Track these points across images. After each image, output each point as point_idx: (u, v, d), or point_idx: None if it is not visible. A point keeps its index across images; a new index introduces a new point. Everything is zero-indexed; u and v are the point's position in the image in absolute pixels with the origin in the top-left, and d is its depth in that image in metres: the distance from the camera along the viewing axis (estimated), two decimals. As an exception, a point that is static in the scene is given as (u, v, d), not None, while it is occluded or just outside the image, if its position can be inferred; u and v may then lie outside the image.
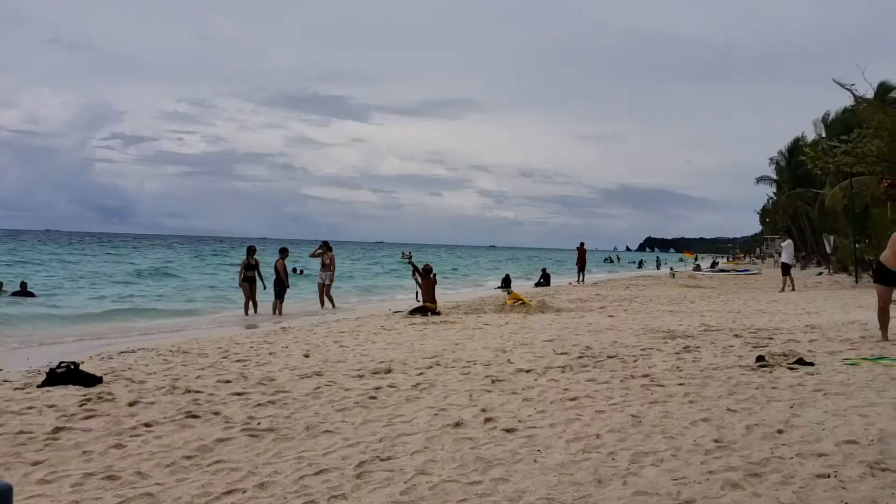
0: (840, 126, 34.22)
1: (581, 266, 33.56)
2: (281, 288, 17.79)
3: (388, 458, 4.54)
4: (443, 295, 20.53)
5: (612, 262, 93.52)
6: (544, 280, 30.79)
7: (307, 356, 9.04)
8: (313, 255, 19.79)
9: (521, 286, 28.49)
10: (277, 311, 17.52)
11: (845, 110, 35.58)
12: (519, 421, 5.41)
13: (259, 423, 5.53)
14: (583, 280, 32.93)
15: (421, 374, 7.61)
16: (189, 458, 4.71)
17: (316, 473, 4.29)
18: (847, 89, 20.96)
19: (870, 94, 22.49)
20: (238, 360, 8.71)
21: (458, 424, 5.34)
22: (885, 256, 9.52)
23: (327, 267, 19.07)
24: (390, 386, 6.90)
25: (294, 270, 20.75)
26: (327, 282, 19.18)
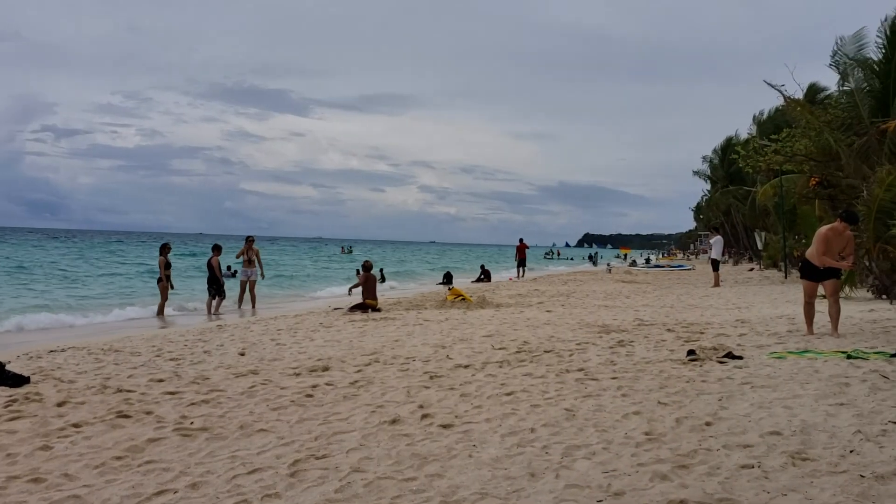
0: (771, 125, 35.23)
1: (521, 262, 33.88)
2: (216, 286, 17.37)
3: (324, 457, 4.51)
4: (384, 291, 20.52)
5: (551, 256, 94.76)
6: (484, 277, 30.95)
7: (243, 354, 8.91)
8: (239, 256, 18.59)
9: (462, 282, 28.60)
10: (213, 310, 17.15)
11: (777, 110, 36.59)
12: (456, 417, 5.44)
13: (192, 423, 5.43)
14: (523, 275, 33.25)
15: (359, 371, 7.57)
16: (119, 458, 4.60)
17: (249, 472, 4.24)
18: (777, 90, 21.62)
19: (800, 95, 23.25)
20: (172, 359, 8.53)
21: (394, 421, 5.34)
22: (810, 253, 9.86)
23: (252, 263, 18.31)
24: (327, 384, 6.85)
25: (229, 269, 20.10)
26: (252, 278, 18.33)
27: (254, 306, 18.19)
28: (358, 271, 16.60)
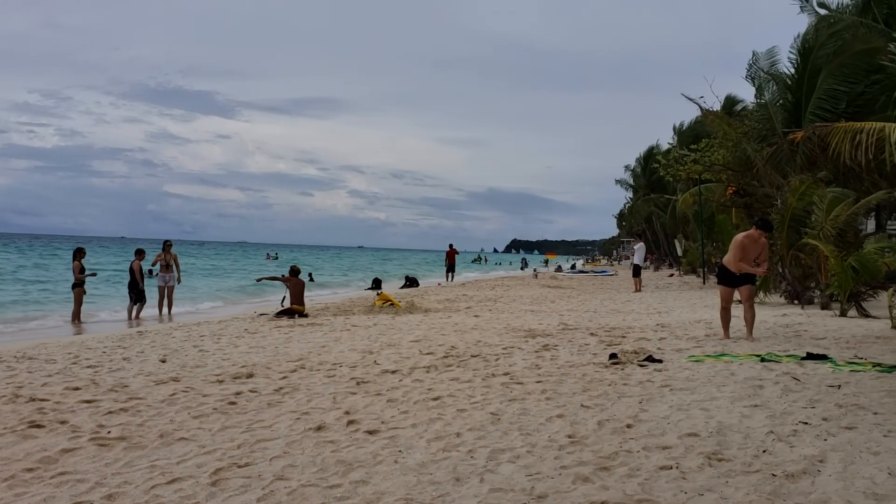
0: (691, 135, 36.37)
1: (450, 267, 34.05)
2: (136, 291, 16.87)
3: (246, 465, 4.43)
4: (312, 297, 20.29)
5: (480, 261, 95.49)
6: (410, 283, 30.95)
7: (164, 361, 8.67)
8: (156, 262, 18.15)
9: (391, 287, 28.55)
10: (134, 316, 16.65)
11: (696, 121, 37.78)
12: (382, 422, 5.42)
13: (109, 432, 5.25)
14: (451, 280, 33.40)
15: (284, 377, 7.47)
16: (30, 470, 4.41)
17: (169, 482, 4.13)
18: (694, 102, 22.39)
19: (718, 106, 24.11)
20: (89, 367, 8.23)
21: (320, 428, 5.29)
22: (727, 259, 10.21)
23: (169, 268, 17.86)
24: (251, 391, 6.73)
25: (150, 273, 19.51)
26: (170, 283, 17.89)
27: (170, 311, 17.78)
28: (283, 276, 16.38)
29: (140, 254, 17.51)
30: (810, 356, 8.16)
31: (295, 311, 14.96)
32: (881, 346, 9.40)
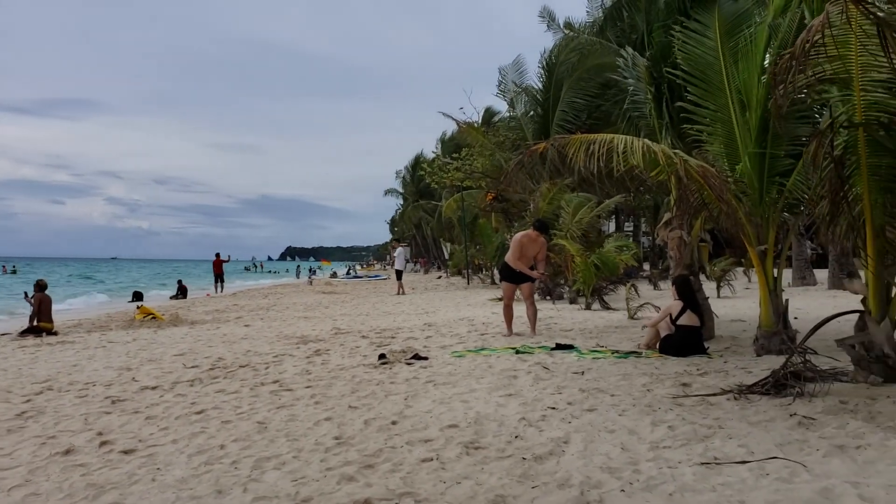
0: (453, 145, 38.12)
1: (218, 276, 32.84)
2: None
3: (-21, 500, 4.01)
4: (61, 313, 18.58)
5: (253, 269, 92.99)
6: (181, 293, 29.45)
7: None
8: None
9: (155, 300, 26.94)
10: None
11: (458, 132, 39.66)
12: (139, 441, 5.14)
13: None
14: (221, 290, 32.23)
15: (28, 401, 6.80)
16: None
17: None
18: (450, 118, 23.63)
19: (478, 117, 25.56)
20: None
21: (68, 451, 4.90)
22: (508, 257, 10.76)
23: None
24: (-13, 418, 6.06)
25: None
26: None
27: None
28: (26, 293, 14.87)
29: None
30: (559, 347, 8.92)
31: (42, 328, 13.64)
32: (619, 334, 10.49)
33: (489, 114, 31.85)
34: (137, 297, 27.96)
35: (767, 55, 7.78)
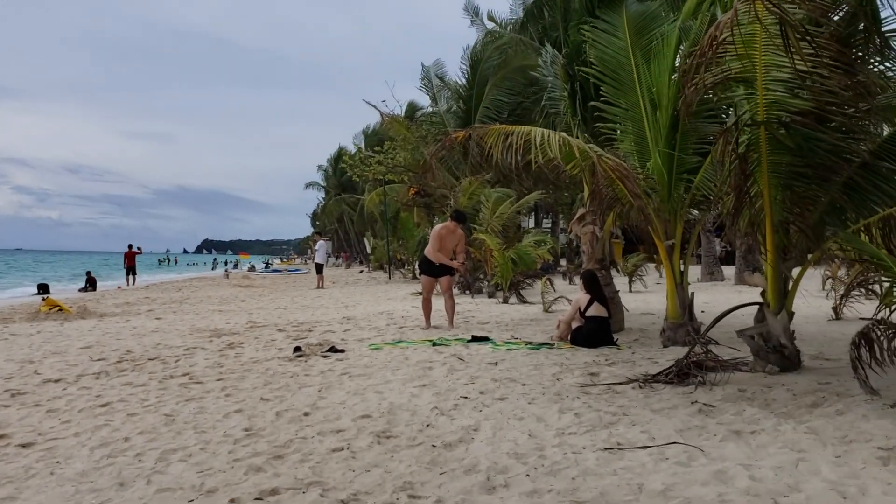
0: (376, 138, 38.00)
1: (129, 269, 31.83)
2: None
3: None
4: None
5: (166, 263, 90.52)
6: (90, 286, 28.41)
7: None
8: None
9: (63, 292, 25.92)
10: None
11: (381, 124, 39.52)
12: (39, 434, 4.95)
13: None
14: (133, 283, 31.27)
15: (-83, 396, 6.46)
16: None
17: None
18: (374, 108, 23.49)
19: (401, 110, 25.52)
20: None
21: (-41, 448, 4.68)
22: (428, 250, 10.76)
23: None
24: None
25: None
26: None
27: None
28: None
29: None
30: (475, 339, 9.02)
31: (-64, 322, 12.96)
32: (534, 327, 10.68)
33: (412, 108, 31.86)
34: (43, 289, 26.83)
35: (678, 56, 8.04)
